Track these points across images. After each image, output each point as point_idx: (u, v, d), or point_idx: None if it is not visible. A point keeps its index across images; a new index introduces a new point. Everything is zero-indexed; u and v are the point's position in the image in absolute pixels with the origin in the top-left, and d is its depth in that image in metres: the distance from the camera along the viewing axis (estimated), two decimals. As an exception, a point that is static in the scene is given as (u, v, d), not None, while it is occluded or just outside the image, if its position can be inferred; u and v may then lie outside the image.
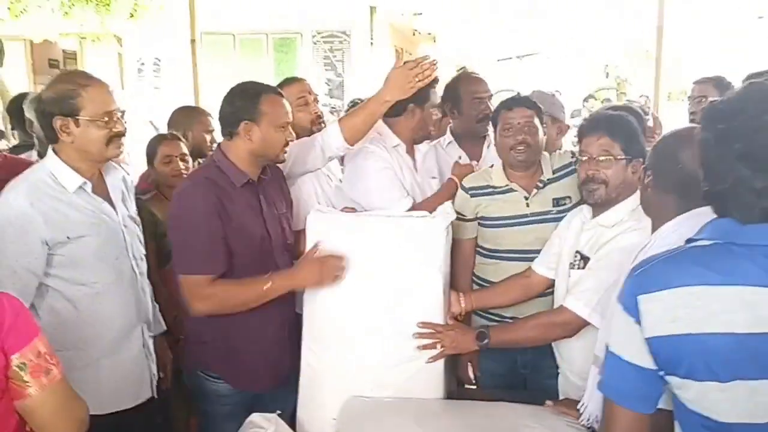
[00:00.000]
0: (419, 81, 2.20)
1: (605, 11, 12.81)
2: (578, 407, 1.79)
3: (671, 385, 1.20)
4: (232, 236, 2.04)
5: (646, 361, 1.19)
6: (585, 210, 2.10)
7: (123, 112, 2.03)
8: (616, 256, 1.88)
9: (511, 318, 2.38)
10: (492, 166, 2.47)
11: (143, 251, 2.22)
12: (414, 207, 2.35)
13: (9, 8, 7.15)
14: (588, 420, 1.72)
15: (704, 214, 1.44)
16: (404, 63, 2.22)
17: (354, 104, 4.69)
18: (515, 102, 2.37)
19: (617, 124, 2.01)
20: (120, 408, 2.05)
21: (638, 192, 1.97)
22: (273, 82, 2.49)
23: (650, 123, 3.19)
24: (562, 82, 12.94)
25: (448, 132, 3.00)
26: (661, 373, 1.19)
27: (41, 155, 2.90)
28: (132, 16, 8.57)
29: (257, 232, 2.11)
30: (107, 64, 10.90)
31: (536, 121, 2.33)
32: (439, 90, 2.61)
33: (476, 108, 2.88)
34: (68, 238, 1.94)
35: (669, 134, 1.63)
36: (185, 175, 2.78)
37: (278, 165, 2.26)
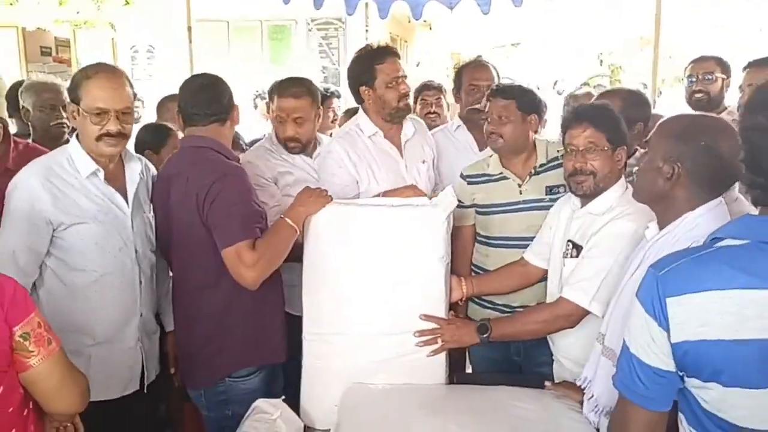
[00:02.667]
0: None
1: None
2: (580, 385, 1.81)
3: (688, 384, 1.18)
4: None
5: (667, 364, 1.17)
6: (574, 199, 2.13)
7: (126, 111, 2.00)
8: (610, 242, 1.93)
9: (502, 305, 2.42)
10: (492, 155, 2.49)
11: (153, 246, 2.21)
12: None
13: (2, -5, 7.08)
14: (596, 407, 1.72)
15: (718, 205, 1.49)
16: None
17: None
18: (493, 92, 2.41)
19: (601, 115, 2.05)
20: (104, 398, 2.02)
21: (622, 179, 2.03)
22: (269, 69, 2.60)
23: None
24: (558, 69, 12.92)
25: (456, 117, 3.03)
26: (681, 374, 1.17)
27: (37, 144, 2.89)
28: (127, 2, 8.49)
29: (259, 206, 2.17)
30: (100, 51, 10.78)
31: (513, 110, 2.33)
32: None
33: (472, 95, 2.91)
34: (72, 221, 1.96)
35: (694, 125, 1.56)
36: None
37: None
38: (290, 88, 2.57)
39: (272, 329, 2.19)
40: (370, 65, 2.48)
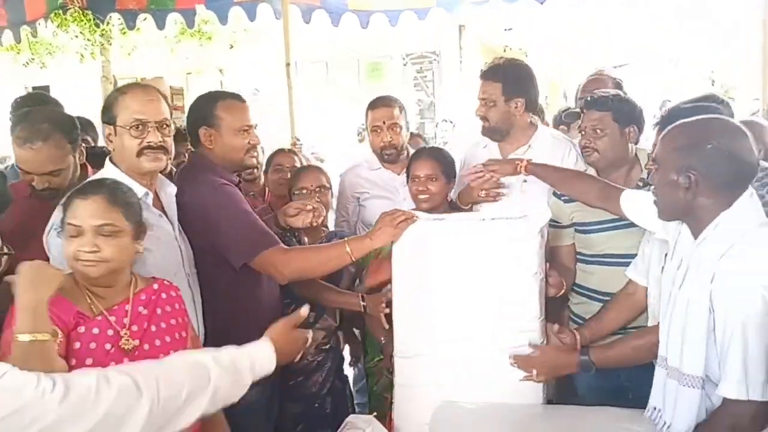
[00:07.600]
0: None
1: (708, 15, 12.16)
2: (648, 414, 1.72)
3: None
4: None
5: None
6: None
7: (164, 124, 1.96)
8: None
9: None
10: (586, 169, 2.40)
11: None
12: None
13: (121, 47, 7.69)
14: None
15: (752, 196, 1.54)
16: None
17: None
18: (587, 103, 2.34)
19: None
20: None
21: None
22: (367, 104, 2.91)
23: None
24: (666, 91, 12.36)
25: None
26: None
27: None
28: (232, 47, 8.99)
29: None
30: (211, 97, 11.41)
31: (608, 122, 2.25)
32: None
33: None
34: None
35: (698, 130, 1.56)
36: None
37: None
38: (380, 99, 2.91)
39: None
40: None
